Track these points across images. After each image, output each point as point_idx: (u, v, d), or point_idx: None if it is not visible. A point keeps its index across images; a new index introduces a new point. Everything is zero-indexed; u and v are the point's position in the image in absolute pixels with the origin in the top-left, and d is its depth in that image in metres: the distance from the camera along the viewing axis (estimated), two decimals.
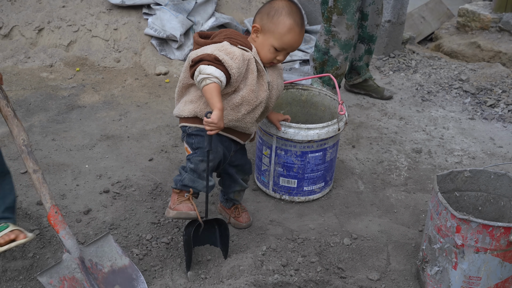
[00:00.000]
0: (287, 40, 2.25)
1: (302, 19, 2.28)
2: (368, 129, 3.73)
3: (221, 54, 2.11)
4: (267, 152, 2.84)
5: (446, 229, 2.13)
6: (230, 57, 2.13)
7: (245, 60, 2.20)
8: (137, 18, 4.81)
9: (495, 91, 4.24)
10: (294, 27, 2.24)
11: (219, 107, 2.07)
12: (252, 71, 2.24)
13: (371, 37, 3.95)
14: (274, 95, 2.43)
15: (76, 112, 3.78)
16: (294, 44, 2.28)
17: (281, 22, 2.23)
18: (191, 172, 2.33)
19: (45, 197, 2.09)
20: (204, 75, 2.09)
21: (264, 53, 2.29)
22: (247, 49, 2.24)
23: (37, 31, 4.64)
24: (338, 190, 3.05)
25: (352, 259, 2.52)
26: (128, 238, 2.57)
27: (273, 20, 2.24)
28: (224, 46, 2.17)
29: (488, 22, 5.89)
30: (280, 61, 2.34)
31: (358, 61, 4.07)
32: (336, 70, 3.84)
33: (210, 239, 2.46)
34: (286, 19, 2.23)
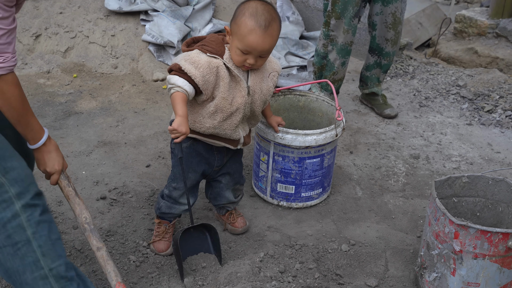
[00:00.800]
0: (248, 42, 2.15)
1: (267, 20, 2.15)
2: (365, 135, 3.73)
3: (185, 64, 2.15)
4: (264, 158, 2.83)
5: (444, 235, 2.12)
6: (194, 66, 2.15)
7: (212, 67, 2.19)
8: (134, 25, 4.81)
9: (493, 97, 4.24)
10: (255, 28, 2.13)
11: (180, 113, 2.09)
12: (222, 78, 2.22)
13: (380, 50, 3.85)
14: (258, 100, 2.36)
15: (73, 119, 3.77)
16: (257, 46, 2.15)
17: (242, 24, 2.15)
18: (167, 198, 2.48)
19: (110, 275, 2.08)
20: (170, 85, 2.16)
21: (233, 56, 2.23)
22: (216, 56, 2.21)
23: (34, 37, 4.64)
24: (336, 196, 3.04)
25: (350, 266, 2.51)
26: (125, 245, 2.56)
27: (236, 21, 2.18)
28: (191, 55, 2.19)
29: (485, 28, 5.91)
30: (252, 65, 2.22)
31: (365, 71, 4.02)
32: (333, 75, 3.84)
33: (203, 246, 2.45)
34: (248, 20, 2.14)
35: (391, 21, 3.68)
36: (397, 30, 3.74)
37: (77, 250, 2.50)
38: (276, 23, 2.20)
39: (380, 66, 3.93)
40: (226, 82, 2.23)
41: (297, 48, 4.97)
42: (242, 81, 2.27)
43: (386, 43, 3.80)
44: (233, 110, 2.28)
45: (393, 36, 3.76)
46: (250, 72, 2.31)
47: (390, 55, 3.87)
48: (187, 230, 2.37)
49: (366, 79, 4.03)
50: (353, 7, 3.55)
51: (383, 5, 3.63)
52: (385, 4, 3.62)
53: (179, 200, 2.47)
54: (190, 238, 2.42)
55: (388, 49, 3.83)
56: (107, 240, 2.57)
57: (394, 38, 3.78)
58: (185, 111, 2.11)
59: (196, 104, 2.29)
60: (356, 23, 3.66)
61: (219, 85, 2.23)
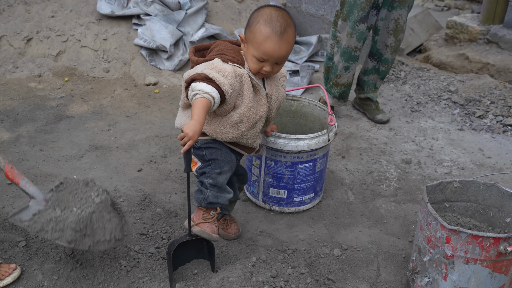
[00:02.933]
0: (264, 49, 2.14)
1: (282, 26, 2.14)
2: (358, 139, 3.73)
3: (211, 72, 2.08)
4: (256, 162, 2.83)
5: (436, 240, 2.12)
6: (221, 74, 2.09)
7: (238, 76, 2.17)
8: (126, 29, 4.80)
9: (484, 102, 4.26)
10: (271, 35, 2.12)
11: (196, 118, 1.99)
12: (247, 87, 2.21)
13: (380, 56, 3.85)
14: (274, 106, 2.38)
15: (64, 122, 3.75)
16: (273, 53, 2.15)
17: (257, 31, 2.14)
18: (212, 187, 2.29)
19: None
20: (195, 91, 2.06)
21: (249, 63, 2.22)
22: (239, 66, 2.20)
23: (26, 41, 4.62)
24: (328, 200, 3.04)
25: (342, 270, 2.50)
26: (116, 250, 2.54)
27: (251, 28, 2.17)
28: (215, 64, 2.14)
29: (476, 34, 5.95)
30: (268, 72, 2.22)
31: (363, 75, 4.02)
32: (337, 78, 3.84)
33: (199, 254, 2.44)
34: (263, 27, 2.13)
35: (393, 27, 3.70)
36: (398, 38, 3.75)
37: (67, 255, 2.48)
38: (292, 29, 2.19)
39: (378, 72, 3.93)
40: (250, 92, 2.22)
41: None
42: (262, 89, 2.27)
43: (386, 49, 3.81)
44: (257, 119, 2.29)
45: (393, 42, 3.76)
46: (266, 79, 2.32)
47: (388, 62, 3.88)
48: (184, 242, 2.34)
49: (363, 84, 4.04)
50: (358, 11, 3.54)
51: (388, 10, 3.65)
52: (389, 10, 3.64)
53: (225, 187, 2.34)
54: (187, 246, 2.41)
55: (387, 55, 3.83)
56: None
57: (394, 45, 3.78)
58: (203, 118, 2.01)
59: (216, 115, 2.25)
60: (363, 29, 3.61)
61: (243, 94, 2.21)
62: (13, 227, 2.63)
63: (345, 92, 3.95)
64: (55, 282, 2.33)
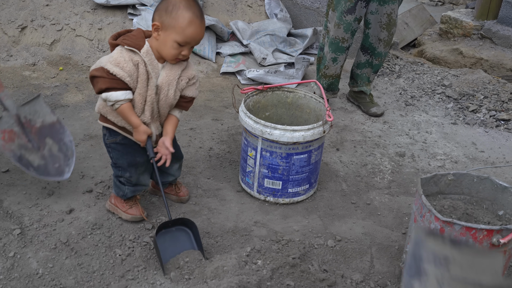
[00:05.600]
0: (189, 33, 2.23)
1: (201, 11, 2.26)
2: (352, 132, 3.75)
3: (111, 67, 2.22)
4: (252, 153, 2.84)
5: None
6: (120, 68, 2.22)
7: (134, 63, 2.27)
8: (122, 18, 4.78)
9: (477, 97, 4.29)
10: (194, 19, 2.22)
11: (136, 124, 2.35)
12: (141, 73, 2.30)
13: (373, 50, 3.85)
14: (163, 100, 2.41)
15: (59, 112, 3.74)
16: (196, 36, 2.26)
17: (180, 16, 2.21)
18: (128, 183, 2.59)
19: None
20: (111, 102, 2.28)
21: (167, 50, 2.27)
22: (134, 50, 2.26)
23: (20, 29, 4.59)
24: (322, 192, 3.05)
25: (336, 261, 2.52)
26: (111, 238, 2.54)
27: (171, 15, 2.22)
28: (114, 56, 2.25)
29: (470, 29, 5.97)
30: (186, 56, 2.31)
31: (356, 68, 4.03)
32: (325, 69, 3.86)
33: (185, 245, 2.47)
34: (185, 12, 2.21)
35: (386, 22, 3.70)
36: (391, 32, 3.76)
37: (62, 243, 2.48)
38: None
39: (371, 65, 3.95)
40: (143, 79, 2.31)
41: (284, 45, 4.98)
42: (153, 80, 2.33)
43: (379, 43, 3.81)
44: (145, 107, 2.38)
45: (386, 37, 3.78)
46: (162, 71, 2.36)
47: (382, 56, 3.89)
48: (165, 225, 2.45)
49: (357, 77, 4.05)
50: (346, 2, 3.55)
51: (379, 4, 3.64)
52: (381, 4, 3.64)
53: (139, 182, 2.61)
54: (171, 238, 2.46)
55: (381, 49, 3.85)
56: (93, 233, 2.56)
57: (387, 39, 3.80)
58: (137, 119, 2.34)
59: None
60: (350, 20, 3.62)
61: (137, 81, 2.31)
62: (8, 215, 2.63)
63: (334, 84, 3.97)
64: (50, 270, 2.33)
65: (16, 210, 2.68)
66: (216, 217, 2.77)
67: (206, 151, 3.36)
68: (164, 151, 2.46)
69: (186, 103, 2.53)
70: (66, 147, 2.78)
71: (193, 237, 2.50)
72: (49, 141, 2.76)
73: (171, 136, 2.49)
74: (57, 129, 2.79)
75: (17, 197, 2.78)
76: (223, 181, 3.08)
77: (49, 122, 2.79)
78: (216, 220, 2.74)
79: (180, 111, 2.55)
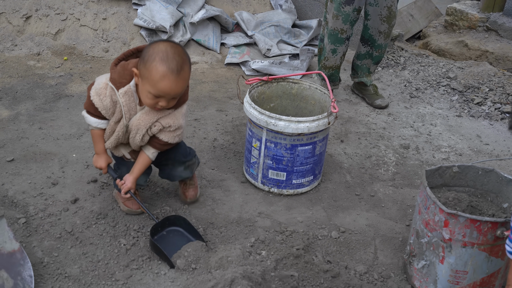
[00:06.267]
0: (161, 87, 2.15)
1: (179, 64, 2.15)
2: (356, 124, 3.74)
3: (93, 95, 2.32)
4: (256, 144, 2.84)
5: (434, 224, 2.14)
6: (99, 99, 2.31)
7: (113, 101, 2.32)
8: (126, 8, 4.77)
9: (482, 90, 4.28)
10: (168, 74, 2.12)
11: (96, 150, 2.49)
12: (117, 111, 2.35)
13: (373, 42, 3.84)
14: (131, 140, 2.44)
15: (63, 101, 3.74)
16: (170, 91, 2.17)
17: (153, 69, 2.13)
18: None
19: None
20: (87, 122, 2.43)
21: (143, 98, 2.25)
22: (115, 90, 2.29)
23: (25, 18, 4.58)
24: (326, 183, 3.05)
25: (339, 252, 2.53)
26: (116, 228, 2.55)
27: (146, 65, 2.15)
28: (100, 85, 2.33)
29: (476, 21, 5.94)
30: (165, 106, 2.25)
31: (356, 59, 4.02)
32: (325, 60, 3.86)
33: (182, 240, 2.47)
34: (159, 65, 2.12)
35: (386, 15, 3.69)
36: (391, 24, 3.75)
37: (67, 232, 2.49)
38: (187, 65, 2.21)
39: (371, 57, 3.93)
40: (117, 116, 2.37)
41: (289, 36, 4.97)
42: (124, 119, 2.37)
43: (379, 35, 3.80)
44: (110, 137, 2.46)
45: (386, 29, 3.76)
46: (138, 113, 2.36)
47: (382, 47, 3.88)
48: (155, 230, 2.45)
49: (357, 68, 4.05)
50: None
51: None
52: None
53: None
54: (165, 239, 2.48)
55: (381, 41, 3.83)
56: (98, 223, 2.57)
57: (388, 31, 3.79)
58: (101, 147, 2.47)
59: None
60: (349, 11, 3.61)
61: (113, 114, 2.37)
62: (13, 204, 2.64)
63: (334, 75, 3.96)
64: (55, 259, 2.35)
65: (21, 199, 2.69)
66: (220, 208, 2.77)
67: (210, 142, 3.36)
68: (124, 187, 2.45)
69: (159, 145, 2.45)
70: (23, 284, 2.16)
71: (187, 232, 2.51)
72: (3, 274, 2.14)
73: (134, 176, 2.46)
74: (16, 260, 2.20)
75: (22, 186, 2.79)
76: (227, 172, 3.08)
77: (9, 250, 2.21)
78: (220, 211, 2.75)
79: (154, 150, 2.48)
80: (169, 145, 2.47)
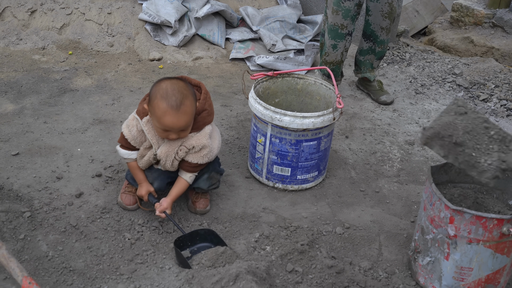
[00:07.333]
0: (165, 122, 2.28)
1: (178, 100, 2.25)
2: (361, 120, 3.73)
3: (124, 128, 2.47)
4: (261, 139, 2.83)
5: (439, 220, 2.14)
6: (128, 130, 2.46)
7: (139, 130, 2.46)
8: (131, 3, 4.77)
9: (488, 86, 4.26)
10: (168, 110, 2.24)
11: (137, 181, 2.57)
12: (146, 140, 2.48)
13: (375, 37, 3.82)
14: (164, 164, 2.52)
15: (68, 96, 3.75)
16: (173, 126, 2.29)
17: (156, 106, 2.27)
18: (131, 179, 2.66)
19: (15, 271, 1.94)
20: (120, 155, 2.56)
21: (156, 131, 2.39)
22: (138, 118, 2.43)
23: (30, 13, 4.58)
24: (331, 179, 3.05)
25: (344, 248, 2.52)
26: (120, 223, 2.56)
27: (151, 103, 2.30)
28: (130, 118, 2.48)
29: (482, 17, 5.91)
30: (175, 138, 2.37)
31: (359, 55, 4.01)
32: (325, 56, 3.85)
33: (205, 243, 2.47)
34: (160, 102, 2.25)
35: (388, 11, 3.67)
36: (393, 19, 3.74)
37: (72, 226, 2.49)
38: (189, 99, 2.30)
39: (374, 52, 3.92)
40: (146, 145, 2.48)
41: (294, 31, 4.95)
42: (153, 148, 2.47)
43: (381, 31, 3.79)
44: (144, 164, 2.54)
45: (388, 25, 3.75)
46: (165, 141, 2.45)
47: (384, 43, 3.87)
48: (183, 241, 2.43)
49: (360, 64, 4.03)
50: None
51: None
52: None
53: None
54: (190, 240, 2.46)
55: (383, 37, 3.82)
56: (102, 217, 2.57)
57: (390, 27, 3.78)
58: (141, 177, 2.56)
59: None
60: (349, 6, 3.58)
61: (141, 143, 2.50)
62: (18, 198, 2.65)
63: (335, 71, 3.94)
64: (60, 253, 2.35)
65: (26, 193, 2.69)
66: (225, 203, 2.77)
67: None
68: (160, 207, 2.49)
69: (191, 168, 2.53)
70: None
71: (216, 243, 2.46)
72: None
73: (172, 198, 2.53)
74: None
75: (27, 180, 2.80)
76: (232, 167, 3.08)
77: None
78: (224, 206, 2.74)
79: (191, 174, 2.55)
80: (201, 166, 2.55)
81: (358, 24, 4.83)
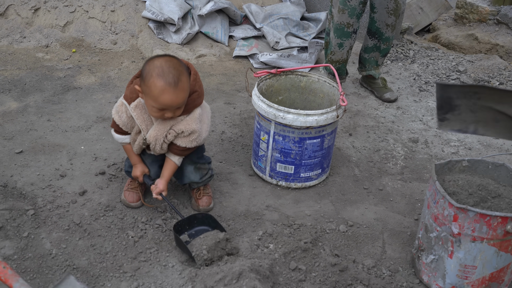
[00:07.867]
0: (163, 101, 2.24)
1: (175, 77, 2.22)
2: (365, 117, 3.72)
3: (114, 113, 2.46)
4: (264, 137, 2.83)
5: (443, 218, 2.13)
6: (118, 116, 2.45)
7: (128, 116, 2.45)
8: (134, 1, 4.76)
9: (493, 83, 4.24)
10: (166, 87, 2.20)
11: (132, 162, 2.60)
12: (135, 125, 2.47)
13: (381, 34, 3.80)
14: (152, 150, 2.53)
15: (72, 93, 3.75)
16: (172, 103, 2.25)
17: (152, 85, 2.22)
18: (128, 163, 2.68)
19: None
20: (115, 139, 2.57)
21: (150, 112, 2.34)
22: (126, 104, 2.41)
23: (33, 10, 4.59)
24: (334, 177, 3.04)
25: (347, 246, 2.52)
26: (124, 220, 2.56)
27: (145, 82, 2.24)
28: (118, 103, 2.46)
29: (486, 14, 5.89)
30: (172, 117, 2.34)
31: (364, 53, 3.99)
32: (331, 55, 3.83)
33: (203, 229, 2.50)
34: (157, 81, 2.21)
35: (393, 7, 3.65)
36: (398, 16, 3.72)
37: (75, 224, 2.50)
38: (185, 76, 2.27)
39: (379, 50, 3.91)
40: (136, 130, 2.48)
41: (297, 29, 4.94)
42: (143, 132, 2.45)
43: (386, 28, 3.77)
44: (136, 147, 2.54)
45: (393, 21, 3.73)
46: (154, 124, 2.43)
47: (389, 40, 3.85)
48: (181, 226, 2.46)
49: (365, 61, 4.02)
50: None
51: None
52: None
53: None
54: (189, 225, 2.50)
55: (388, 34, 3.80)
56: (106, 215, 2.58)
57: (395, 24, 3.76)
58: (135, 159, 2.58)
59: None
60: (355, 4, 3.58)
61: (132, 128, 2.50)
62: (21, 195, 2.65)
63: (340, 69, 3.93)
64: (63, 250, 2.35)
65: (29, 191, 2.70)
66: (228, 201, 2.77)
67: (218, 135, 3.35)
68: (156, 189, 2.51)
69: (179, 151, 2.51)
70: None
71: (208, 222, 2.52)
72: None
73: (165, 179, 2.53)
74: None
75: (30, 178, 2.80)
76: (235, 165, 3.07)
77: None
78: (228, 204, 2.74)
79: (178, 157, 2.55)
80: (189, 150, 2.52)
81: (362, 21, 4.81)
